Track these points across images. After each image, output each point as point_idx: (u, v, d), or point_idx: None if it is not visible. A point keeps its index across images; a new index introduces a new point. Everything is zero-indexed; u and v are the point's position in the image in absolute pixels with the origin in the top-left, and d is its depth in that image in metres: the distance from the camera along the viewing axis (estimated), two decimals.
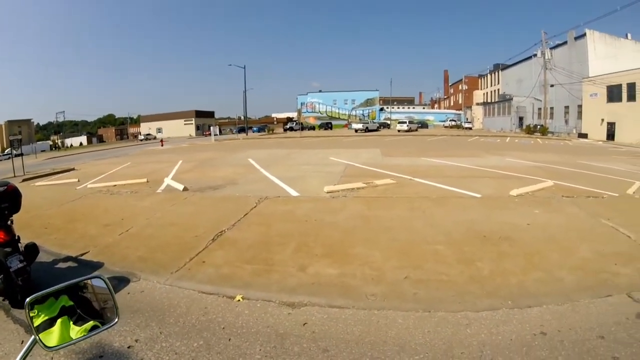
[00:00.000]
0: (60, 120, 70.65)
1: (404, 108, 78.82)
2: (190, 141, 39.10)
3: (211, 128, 41.94)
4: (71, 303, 1.18)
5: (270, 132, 52.21)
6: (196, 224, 5.30)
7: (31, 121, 66.19)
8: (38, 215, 6.30)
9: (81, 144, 67.76)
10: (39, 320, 1.11)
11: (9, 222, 3.17)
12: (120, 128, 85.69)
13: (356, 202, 6.39)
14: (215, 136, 38.58)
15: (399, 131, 41.07)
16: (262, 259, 3.97)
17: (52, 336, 1.10)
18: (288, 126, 57.00)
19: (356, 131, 40.23)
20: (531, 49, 39.48)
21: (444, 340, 2.43)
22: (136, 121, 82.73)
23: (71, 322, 1.15)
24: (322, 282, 3.39)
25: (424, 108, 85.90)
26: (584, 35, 31.89)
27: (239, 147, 22.88)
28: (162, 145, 30.31)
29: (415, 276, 3.44)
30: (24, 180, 11.22)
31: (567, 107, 34.67)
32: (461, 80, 67.90)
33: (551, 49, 35.85)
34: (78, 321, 1.16)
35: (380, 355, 2.29)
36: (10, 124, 56.66)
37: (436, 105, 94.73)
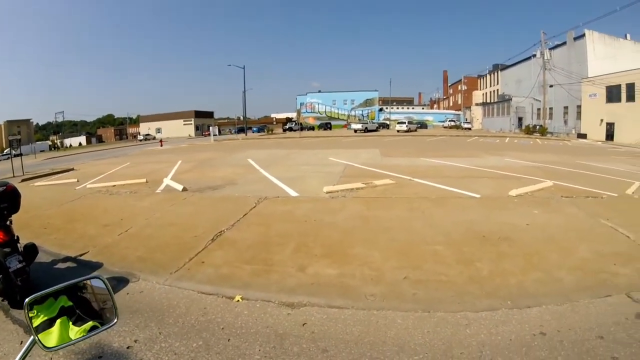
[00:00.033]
0: (60, 120, 70.80)
1: (403, 108, 78.83)
2: (190, 141, 39.08)
3: (210, 128, 41.93)
4: (70, 303, 1.17)
5: (270, 132, 52.24)
6: (195, 224, 5.30)
7: (30, 121, 66.17)
8: (37, 215, 6.29)
9: (80, 144, 67.68)
10: (38, 320, 1.11)
11: (8, 223, 3.17)
12: (120, 128, 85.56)
13: (355, 203, 6.39)
14: (215, 136, 38.58)
15: (398, 131, 41.15)
16: (262, 259, 3.97)
17: (52, 336, 1.10)
18: (287, 126, 56.98)
19: (355, 131, 40.24)
20: (530, 50, 39.58)
21: (443, 341, 2.43)
22: (135, 121, 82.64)
23: (70, 323, 1.15)
24: (322, 282, 3.39)
25: (423, 108, 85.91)
26: (583, 35, 31.96)
27: (238, 148, 22.88)
28: (161, 146, 30.31)
29: (415, 276, 3.44)
30: (23, 180, 11.21)
31: (566, 108, 34.73)
32: (460, 81, 67.96)
33: (550, 49, 35.88)
34: (77, 321, 1.16)
35: (380, 356, 2.29)
36: (10, 124, 56.63)
37: (435, 106, 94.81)
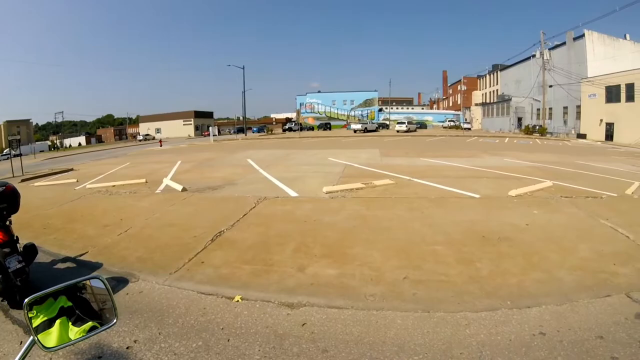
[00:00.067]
0: (59, 120, 70.81)
1: (402, 108, 78.89)
2: (189, 141, 39.07)
3: (210, 128, 41.98)
4: (70, 304, 1.17)
5: (269, 132, 52.33)
6: (195, 225, 5.29)
7: (30, 121, 66.20)
8: (37, 215, 6.28)
9: (80, 144, 67.69)
10: (37, 320, 1.11)
11: (7, 223, 3.17)
12: (119, 128, 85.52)
13: (355, 203, 6.39)
14: (214, 137, 38.63)
15: (397, 132, 41.16)
16: (261, 259, 3.97)
17: (51, 337, 1.10)
18: (287, 127, 57.04)
19: (355, 132, 40.25)
20: (530, 50, 39.60)
21: (443, 341, 2.43)
22: (135, 121, 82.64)
23: (70, 323, 1.15)
24: (321, 282, 3.38)
25: (422, 109, 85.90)
26: (583, 36, 31.96)
27: (237, 148, 22.88)
28: (160, 146, 30.31)
29: (414, 276, 3.44)
30: (22, 180, 11.20)
31: (565, 108, 34.75)
32: (460, 81, 68.03)
33: (550, 49, 35.91)
34: (77, 322, 1.16)
35: (380, 356, 2.29)
36: (9, 124, 56.61)
37: (435, 106, 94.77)
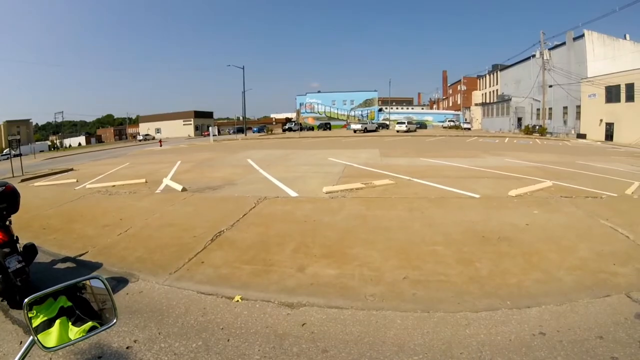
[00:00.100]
0: (59, 120, 70.83)
1: (402, 109, 78.89)
2: (189, 142, 39.06)
3: (210, 128, 41.99)
4: (70, 304, 1.17)
5: (269, 132, 52.35)
6: (195, 225, 5.29)
7: (30, 121, 66.19)
8: (37, 215, 6.28)
9: (80, 144, 67.69)
10: (37, 320, 1.10)
11: (7, 223, 3.17)
12: (119, 128, 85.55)
13: (355, 203, 6.39)
14: (214, 137, 38.63)
15: (397, 132, 41.17)
16: (261, 259, 3.97)
17: (51, 337, 1.10)
18: (287, 127, 57.03)
19: (355, 132, 40.25)
20: (530, 50, 39.59)
21: (443, 341, 2.43)
22: (135, 121, 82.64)
23: (70, 323, 1.15)
24: (321, 282, 3.38)
25: (422, 109, 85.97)
26: (583, 36, 31.96)
27: (237, 148, 22.87)
28: (160, 146, 30.31)
29: (414, 276, 3.44)
30: (22, 180, 11.20)
31: (565, 108, 34.76)
32: (460, 81, 68.03)
33: (550, 49, 35.91)
34: (77, 322, 1.16)
35: (379, 356, 2.29)
36: (9, 124, 56.62)
37: (435, 106, 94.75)
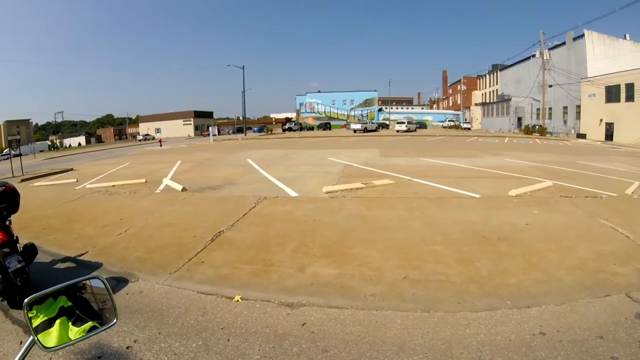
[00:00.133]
0: (59, 120, 70.88)
1: (402, 108, 78.91)
2: (189, 141, 39.05)
3: (210, 128, 41.98)
4: (70, 303, 1.17)
5: (269, 132, 52.37)
6: (195, 225, 5.29)
7: (29, 121, 66.20)
8: (36, 215, 6.28)
9: (80, 144, 67.68)
10: (37, 320, 1.10)
11: (7, 223, 3.17)
12: (119, 128, 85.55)
13: (355, 203, 6.39)
14: (214, 136, 38.64)
15: (397, 131, 41.17)
16: (261, 259, 3.97)
17: (51, 337, 1.10)
18: (287, 126, 57.03)
19: (355, 131, 40.25)
20: (530, 50, 39.54)
21: (443, 341, 2.43)
22: (135, 121, 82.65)
23: (70, 323, 1.15)
24: (321, 282, 3.38)
25: (422, 108, 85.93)
26: (583, 36, 31.95)
27: (237, 148, 22.87)
28: (160, 146, 30.32)
29: (414, 276, 3.44)
30: (22, 180, 11.19)
31: (565, 108, 34.75)
32: (460, 81, 68.03)
33: (550, 49, 35.89)
34: (77, 322, 1.16)
35: (379, 356, 2.29)
36: (9, 124, 56.62)
37: (435, 106, 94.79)
